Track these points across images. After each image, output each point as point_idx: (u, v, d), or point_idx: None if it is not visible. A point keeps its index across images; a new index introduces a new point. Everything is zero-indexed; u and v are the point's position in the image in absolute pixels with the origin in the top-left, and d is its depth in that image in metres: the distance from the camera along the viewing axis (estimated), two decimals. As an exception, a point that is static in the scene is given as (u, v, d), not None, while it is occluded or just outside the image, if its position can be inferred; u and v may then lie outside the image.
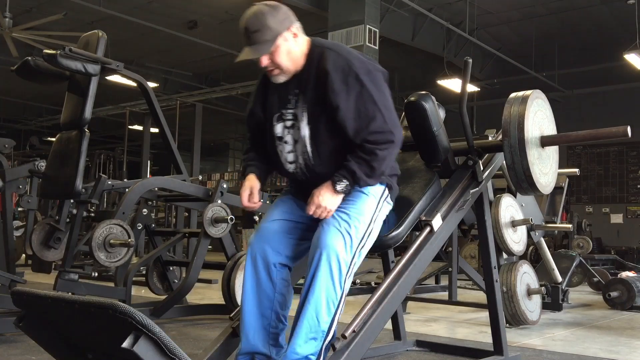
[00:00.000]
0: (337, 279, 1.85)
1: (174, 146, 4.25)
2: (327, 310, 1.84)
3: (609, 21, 11.11)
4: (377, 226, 2.03)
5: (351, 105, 1.90)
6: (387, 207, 2.10)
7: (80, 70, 3.21)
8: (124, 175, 12.87)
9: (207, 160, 21.74)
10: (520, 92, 2.51)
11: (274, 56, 1.93)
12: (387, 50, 10.51)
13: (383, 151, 1.92)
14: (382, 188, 2.05)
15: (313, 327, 1.82)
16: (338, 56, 1.94)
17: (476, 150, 2.51)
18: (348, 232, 1.89)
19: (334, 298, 1.85)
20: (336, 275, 1.85)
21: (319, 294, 1.83)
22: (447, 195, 2.33)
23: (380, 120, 1.91)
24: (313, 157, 1.97)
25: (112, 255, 3.35)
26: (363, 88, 1.91)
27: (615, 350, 3.23)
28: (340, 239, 1.86)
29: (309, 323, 1.82)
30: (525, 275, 3.92)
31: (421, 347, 3.09)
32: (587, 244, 7.29)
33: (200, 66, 14.12)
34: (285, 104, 2.00)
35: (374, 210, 2.00)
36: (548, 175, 2.56)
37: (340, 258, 1.85)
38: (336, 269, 1.85)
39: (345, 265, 1.87)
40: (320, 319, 1.82)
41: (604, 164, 12.83)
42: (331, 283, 1.84)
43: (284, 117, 2.00)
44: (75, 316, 1.46)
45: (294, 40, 1.96)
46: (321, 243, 1.86)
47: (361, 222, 1.94)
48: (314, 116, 1.95)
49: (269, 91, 2.07)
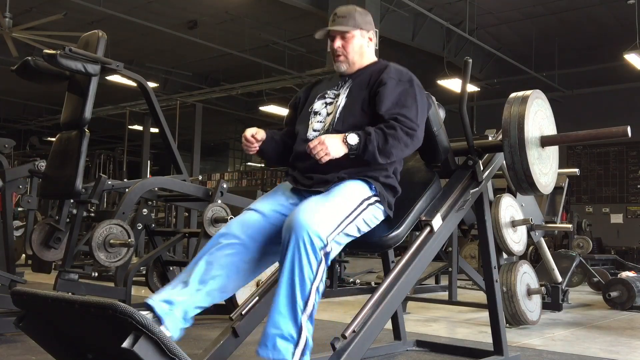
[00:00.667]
0: (307, 255, 1.75)
1: (174, 146, 4.26)
2: (301, 285, 1.74)
3: (609, 21, 11.11)
4: (360, 222, 1.96)
5: (395, 91, 2.08)
6: (376, 211, 2.03)
7: (80, 70, 3.21)
8: (124, 175, 12.89)
9: (207, 160, 21.76)
10: (520, 92, 2.51)
11: (347, 42, 2.18)
12: (387, 50, 10.50)
13: (403, 134, 1.99)
14: (369, 193, 2.01)
15: (291, 301, 1.73)
16: (400, 68, 2.21)
17: (476, 150, 2.51)
18: (326, 212, 1.83)
19: (308, 272, 1.74)
20: (304, 251, 1.74)
21: (293, 267, 1.74)
22: (447, 195, 2.33)
23: (413, 113, 2.05)
24: (336, 124, 2.08)
25: (112, 255, 3.35)
26: (411, 88, 2.12)
27: (615, 350, 3.23)
28: (315, 218, 1.78)
29: (286, 298, 1.74)
30: (525, 275, 3.92)
31: (421, 347, 3.09)
32: (587, 244, 7.29)
33: (200, 66, 14.13)
34: (332, 87, 2.22)
35: (356, 205, 1.94)
36: (548, 175, 2.56)
37: (312, 233, 1.75)
38: (308, 243, 1.74)
39: (319, 239, 1.76)
40: (297, 292, 1.73)
41: (604, 164, 12.83)
42: (306, 256, 1.74)
43: (325, 96, 2.20)
44: (75, 316, 1.46)
45: (367, 42, 2.24)
46: (294, 225, 1.77)
47: (341, 207, 1.90)
48: (354, 94, 2.13)
49: (317, 87, 2.31)
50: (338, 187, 1.98)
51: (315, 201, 1.87)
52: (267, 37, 11.70)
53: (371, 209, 2.01)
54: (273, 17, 11.00)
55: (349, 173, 2.03)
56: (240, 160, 22.09)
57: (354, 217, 1.93)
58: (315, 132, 2.13)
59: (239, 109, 16.81)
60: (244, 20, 10.98)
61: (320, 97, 2.21)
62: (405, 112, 2.03)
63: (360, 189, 2.01)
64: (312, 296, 1.75)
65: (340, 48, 2.18)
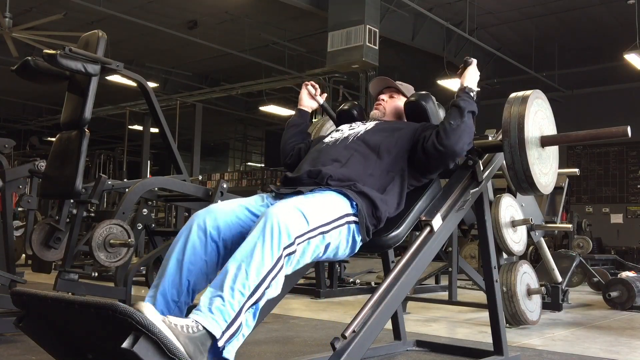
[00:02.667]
0: (271, 242, 1.62)
1: (174, 146, 4.25)
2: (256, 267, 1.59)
3: (609, 21, 11.11)
4: (331, 237, 1.84)
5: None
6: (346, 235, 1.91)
7: (80, 70, 3.21)
8: (124, 175, 12.89)
9: (207, 160, 21.76)
10: (520, 92, 2.51)
11: (391, 99, 2.56)
12: (387, 50, 10.52)
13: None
14: (349, 210, 1.92)
15: (240, 276, 1.57)
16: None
17: (476, 150, 2.51)
18: (301, 212, 1.73)
19: (268, 260, 1.60)
20: (270, 237, 1.62)
21: (254, 248, 1.61)
22: (447, 195, 2.33)
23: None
24: (363, 134, 2.26)
25: (112, 255, 3.35)
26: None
27: (615, 350, 3.23)
28: (289, 213, 1.69)
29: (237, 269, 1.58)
30: (525, 275, 3.92)
31: (421, 347, 3.09)
32: (587, 244, 7.29)
33: (200, 66, 14.13)
34: (359, 121, 2.52)
35: (334, 217, 1.85)
36: (548, 175, 2.56)
37: (282, 224, 1.64)
38: (276, 232, 1.62)
39: (287, 235, 1.64)
40: (251, 271, 1.58)
41: (604, 164, 12.83)
42: (261, 242, 1.61)
43: (352, 126, 2.39)
44: (75, 316, 1.46)
45: (402, 107, 2.55)
46: (267, 212, 1.69)
47: (319, 213, 1.80)
48: (384, 125, 2.35)
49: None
50: (320, 193, 1.93)
51: (294, 201, 1.79)
52: (267, 37, 11.70)
53: (343, 230, 1.89)
54: (273, 17, 11.01)
55: (338, 183, 2.01)
56: (240, 160, 22.09)
57: (328, 229, 1.82)
58: (332, 139, 2.30)
59: (239, 109, 16.82)
60: (244, 20, 10.99)
61: (347, 125, 2.45)
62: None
63: (341, 204, 1.92)
64: (262, 287, 1.59)
65: (384, 100, 2.55)
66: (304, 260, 1.77)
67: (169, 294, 1.76)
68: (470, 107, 2.22)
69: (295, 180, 2.12)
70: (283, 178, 2.19)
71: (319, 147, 2.31)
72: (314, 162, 2.17)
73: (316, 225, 1.77)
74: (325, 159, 2.16)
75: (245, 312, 1.56)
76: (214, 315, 1.50)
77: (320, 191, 1.96)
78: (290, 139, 2.58)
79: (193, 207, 4.49)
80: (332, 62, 8.99)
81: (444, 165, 2.23)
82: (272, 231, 1.63)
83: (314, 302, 5.13)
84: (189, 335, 1.42)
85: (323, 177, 2.04)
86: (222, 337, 1.50)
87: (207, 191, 3.98)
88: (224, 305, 1.52)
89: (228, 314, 1.52)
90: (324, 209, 1.84)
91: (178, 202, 4.68)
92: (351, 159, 2.13)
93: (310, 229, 1.75)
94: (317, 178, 2.05)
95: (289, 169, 2.50)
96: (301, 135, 2.60)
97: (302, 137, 2.60)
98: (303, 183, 2.08)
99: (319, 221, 1.79)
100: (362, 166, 2.11)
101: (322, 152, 2.23)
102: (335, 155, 2.17)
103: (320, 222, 1.80)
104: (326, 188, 1.98)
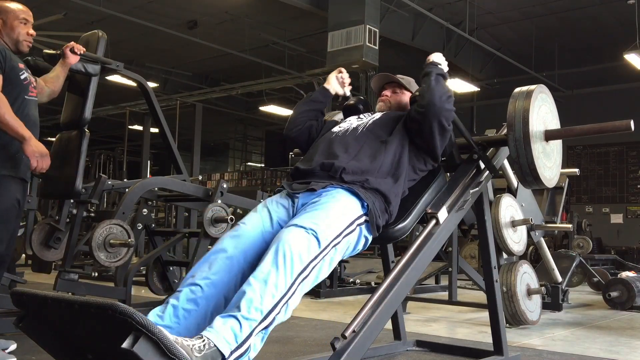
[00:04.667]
0: (284, 270, 1.64)
1: (174, 146, 4.26)
2: (268, 295, 1.61)
3: (609, 21, 11.11)
4: (344, 244, 1.87)
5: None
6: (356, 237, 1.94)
7: (80, 70, 3.21)
8: (124, 175, 12.87)
9: (207, 160, 21.75)
10: (524, 87, 2.53)
11: (395, 93, 2.56)
12: (387, 50, 10.51)
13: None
14: (360, 212, 1.95)
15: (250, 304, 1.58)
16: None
17: (481, 144, 2.56)
18: (313, 234, 1.75)
19: (277, 283, 1.62)
20: (283, 265, 1.64)
21: (263, 274, 1.63)
22: (452, 188, 2.36)
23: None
24: (370, 124, 2.29)
25: (112, 255, 3.35)
26: None
27: (615, 350, 3.23)
28: (300, 236, 1.72)
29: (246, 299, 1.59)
30: (525, 275, 3.92)
31: (421, 347, 3.09)
32: (587, 244, 7.29)
33: (200, 66, 14.13)
34: (366, 112, 2.53)
35: (345, 226, 1.88)
36: (552, 169, 2.57)
37: (295, 252, 1.67)
38: (289, 260, 1.65)
39: (300, 262, 1.67)
40: (262, 299, 1.60)
41: (604, 164, 12.83)
42: (275, 270, 1.63)
43: (360, 117, 2.42)
44: (75, 316, 1.46)
45: (406, 101, 2.53)
46: (279, 238, 1.71)
47: (330, 227, 1.82)
48: (386, 118, 2.37)
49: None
50: (332, 197, 1.92)
51: (305, 221, 1.78)
52: (267, 37, 11.70)
53: (354, 234, 1.92)
54: (273, 17, 11.01)
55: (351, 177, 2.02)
56: (240, 160, 22.09)
57: (340, 240, 1.85)
58: (341, 129, 2.31)
59: (239, 109, 16.82)
60: (244, 20, 10.98)
61: (355, 117, 2.46)
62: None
63: (352, 207, 1.93)
64: (273, 313, 1.61)
65: (388, 94, 2.56)
66: (320, 276, 1.80)
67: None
68: (437, 70, 2.28)
69: (307, 173, 2.12)
70: (294, 170, 2.19)
71: (329, 136, 2.31)
72: (325, 154, 2.17)
73: (328, 242, 1.80)
74: (336, 150, 2.17)
75: (255, 336, 1.60)
76: (226, 335, 1.53)
77: (331, 192, 1.96)
78: (305, 113, 2.51)
79: (193, 207, 4.50)
80: (332, 62, 8.99)
81: (433, 126, 2.17)
82: (285, 259, 1.66)
83: (314, 302, 5.13)
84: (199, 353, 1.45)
85: (336, 170, 2.05)
86: (231, 356, 1.53)
87: (207, 191, 3.98)
88: (237, 326, 1.55)
89: (240, 335, 1.55)
90: (335, 221, 1.85)
91: (178, 202, 4.68)
92: (362, 151, 2.15)
93: (323, 248, 1.77)
94: (331, 171, 2.06)
95: (289, 142, 2.50)
96: (316, 113, 2.53)
97: (316, 115, 2.53)
98: (316, 176, 2.08)
99: (331, 235, 1.81)
100: (373, 157, 2.13)
101: (333, 143, 2.23)
102: (346, 147, 2.18)
103: (332, 235, 1.82)
104: (338, 185, 1.99)
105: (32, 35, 2.77)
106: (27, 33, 2.75)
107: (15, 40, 2.73)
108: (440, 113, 2.17)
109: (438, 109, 2.16)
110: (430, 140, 2.20)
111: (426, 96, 2.19)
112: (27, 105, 2.70)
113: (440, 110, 2.17)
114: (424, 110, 2.18)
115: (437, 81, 2.23)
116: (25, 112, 2.67)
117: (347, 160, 2.09)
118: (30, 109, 2.71)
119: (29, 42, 2.77)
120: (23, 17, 2.74)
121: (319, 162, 2.12)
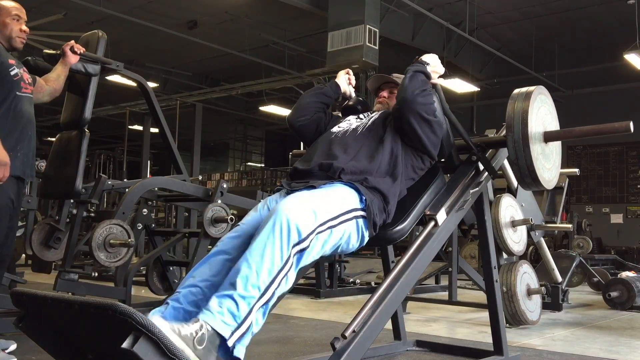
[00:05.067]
0: (280, 241, 1.63)
1: (174, 146, 4.25)
2: (268, 267, 1.60)
3: (609, 21, 11.12)
4: (339, 231, 1.86)
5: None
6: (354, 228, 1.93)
7: (80, 70, 3.22)
8: (124, 175, 12.88)
9: (207, 160, 21.75)
10: (523, 88, 2.52)
11: (392, 93, 2.53)
12: (387, 50, 10.52)
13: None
14: (358, 205, 1.95)
15: (251, 278, 1.58)
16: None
17: (480, 145, 2.55)
18: (310, 206, 1.74)
19: (278, 259, 1.62)
20: (279, 236, 1.63)
21: (264, 248, 1.62)
22: (451, 190, 2.35)
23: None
24: (370, 124, 2.29)
25: (112, 255, 3.35)
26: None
27: (615, 350, 3.23)
28: (298, 208, 1.70)
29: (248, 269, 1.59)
30: (525, 275, 3.92)
31: (421, 347, 3.09)
32: (587, 244, 7.29)
33: (200, 66, 14.13)
34: (364, 112, 2.51)
35: (343, 211, 1.87)
36: (551, 170, 2.57)
37: (291, 221, 1.65)
38: (285, 230, 1.64)
39: (296, 232, 1.66)
40: (259, 275, 1.59)
41: (604, 164, 12.83)
42: (272, 242, 1.62)
43: (360, 117, 2.42)
44: (75, 316, 1.46)
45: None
46: (275, 209, 1.70)
47: (327, 207, 1.82)
48: (383, 117, 2.35)
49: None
50: (330, 187, 1.96)
51: (302, 195, 1.82)
52: (267, 37, 11.70)
53: (351, 224, 1.91)
54: (273, 17, 11.01)
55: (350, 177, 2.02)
56: (240, 160, 22.10)
57: (336, 223, 1.83)
58: (341, 129, 2.30)
59: (239, 109, 16.82)
60: (244, 20, 10.99)
61: (354, 117, 2.45)
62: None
63: (350, 198, 1.94)
64: (272, 287, 1.60)
65: (385, 95, 2.55)
66: (312, 255, 1.78)
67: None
68: (415, 68, 2.29)
69: (306, 173, 2.12)
70: (293, 170, 2.19)
71: (328, 137, 2.31)
72: (324, 155, 2.17)
73: (324, 220, 1.79)
74: (335, 150, 2.17)
75: (256, 312, 1.58)
76: (224, 316, 1.51)
77: (330, 185, 1.98)
78: (314, 103, 2.49)
79: (193, 207, 4.50)
80: (332, 62, 9.00)
81: (411, 121, 2.16)
82: (282, 229, 1.64)
83: (314, 302, 5.13)
84: (197, 338, 1.44)
85: (335, 170, 2.05)
86: (232, 337, 1.51)
87: (207, 191, 3.98)
88: (234, 306, 1.53)
89: (238, 314, 1.54)
90: (332, 203, 1.86)
91: (178, 202, 4.68)
92: (360, 151, 2.15)
93: (319, 224, 1.76)
94: (330, 172, 2.07)
95: (294, 131, 2.48)
96: (325, 106, 2.53)
97: (325, 108, 2.53)
98: (315, 176, 2.09)
99: (327, 215, 1.81)
100: (371, 158, 2.13)
101: (332, 144, 2.23)
102: (345, 148, 2.18)
103: (329, 216, 1.81)
104: (337, 181, 2.00)
105: (25, 31, 2.77)
106: (20, 29, 2.75)
107: (7, 36, 2.72)
108: (414, 107, 2.17)
109: (411, 104, 2.17)
110: (414, 135, 2.19)
111: (400, 93, 2.23)
112: (20, 102, 2.68)
113: (414, 105, 2.17)
114: (399, 107, 2.21)
115: (412, 78, 2.24)
116: (18, 108, 2.66)
117: (346, 161, 2.09)
118: (23, 105, 2.69)
119: (22, 38, 2.77)
120: (15, 14, 2.74)
121: (317, 163, 2.12)
